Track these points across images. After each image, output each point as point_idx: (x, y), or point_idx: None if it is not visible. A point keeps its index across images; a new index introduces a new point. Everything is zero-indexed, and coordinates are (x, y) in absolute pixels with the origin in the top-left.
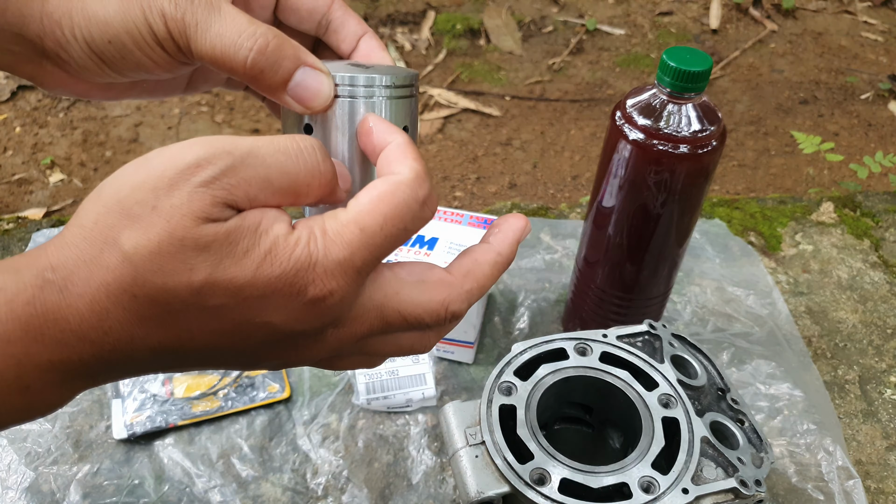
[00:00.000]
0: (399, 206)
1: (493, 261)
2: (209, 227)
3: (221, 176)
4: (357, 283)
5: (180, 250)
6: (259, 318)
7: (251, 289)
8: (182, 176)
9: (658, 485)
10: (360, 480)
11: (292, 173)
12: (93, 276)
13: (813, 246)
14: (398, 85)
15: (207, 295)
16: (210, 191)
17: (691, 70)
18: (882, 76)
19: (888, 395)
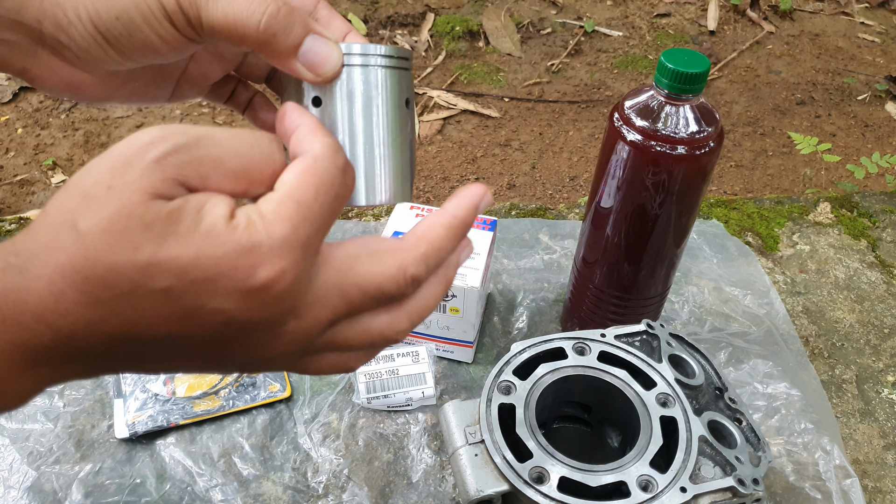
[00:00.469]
0: (324, 175)
1: (447, 223)
2: (156, 204)
3: (174, 152)
4: (306, 260)
5: (127, 227)
6: (210, 304)
7: (196, 270)
8: (136, 154)
9: (656, 483)
10: (361, 479)
11: (246, 157)
12: (50, 257)
13: (810, 246)
14: (401, 56)
15: (154, 275)
16: (161, 167)
17: (689, 72)
18: (879, 77)
19: (885, 394)
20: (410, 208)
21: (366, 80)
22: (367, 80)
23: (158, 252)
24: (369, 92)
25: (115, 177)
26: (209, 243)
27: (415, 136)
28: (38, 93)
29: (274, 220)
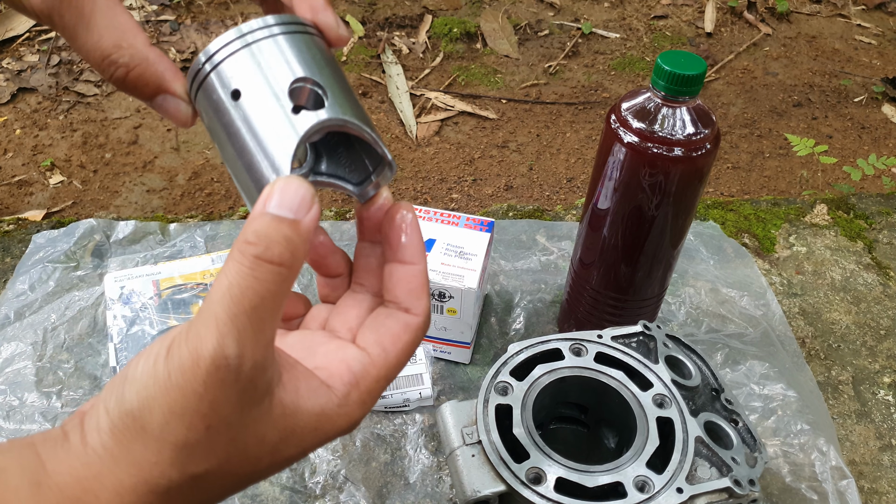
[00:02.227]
0: (410, 346)
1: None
2: (259, 412)
3: (242, 359)
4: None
5: (245, 451)
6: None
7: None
8: (214, 385)
9: (652, 484)
10: (358, 479)
11: (261, 290)
12: None
13: (806, 247)
14: (214, 52)
15: (269, 468)
16: (246, 378)
17: (686, 74)
18: (875, 79)
19: (881, 395)
20: None
21: (206, 100)
22: (199, 102)
23: (274, 458)
24: (205, 116)
25: (208, 417)
26: (320, 435)
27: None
28: (36, 94)
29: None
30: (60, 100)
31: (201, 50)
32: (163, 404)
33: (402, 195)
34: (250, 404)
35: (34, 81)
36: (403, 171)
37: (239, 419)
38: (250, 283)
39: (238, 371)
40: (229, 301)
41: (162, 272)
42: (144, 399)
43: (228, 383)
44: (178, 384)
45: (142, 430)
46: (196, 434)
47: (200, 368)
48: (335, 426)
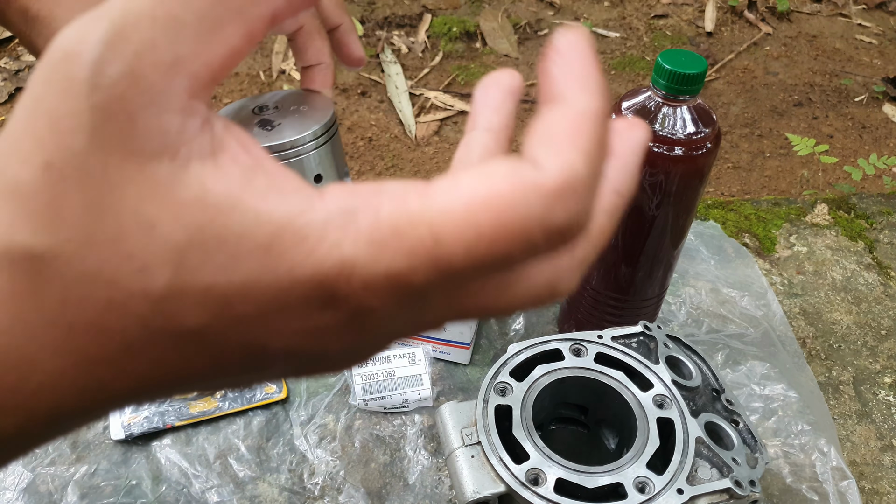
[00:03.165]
0: (510, 225)
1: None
2: (147, 176)
3: (107, 54)
4: (410, 307)
5: (117, 235)
6: (272, 346)
7: (246, 304)
8: (58, 88)
9: (653, 485)
10: (357, 481)
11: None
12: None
13: (807, 247)
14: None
15: (180, 311)
16: (106, 92)
17: (686, 73)
18: (876, 79)
19: (882, 395)
20: None
21: None
22: None
23: (179, 276)
24: None
25: (46, 144)
26: (271, 266)
27: None
28: None
29: (388, 244)
30: None
31: None
32: (3, 135)
33: None
34: (126, 135)
35: None
36: (403, 171)
37: (100, 155)
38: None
39: (99, 65)
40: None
41: None
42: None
43: (78, 86)
44: (25, 97)
45: None
46: (29, 172)
47: (50, 60)
48: (307, 258)
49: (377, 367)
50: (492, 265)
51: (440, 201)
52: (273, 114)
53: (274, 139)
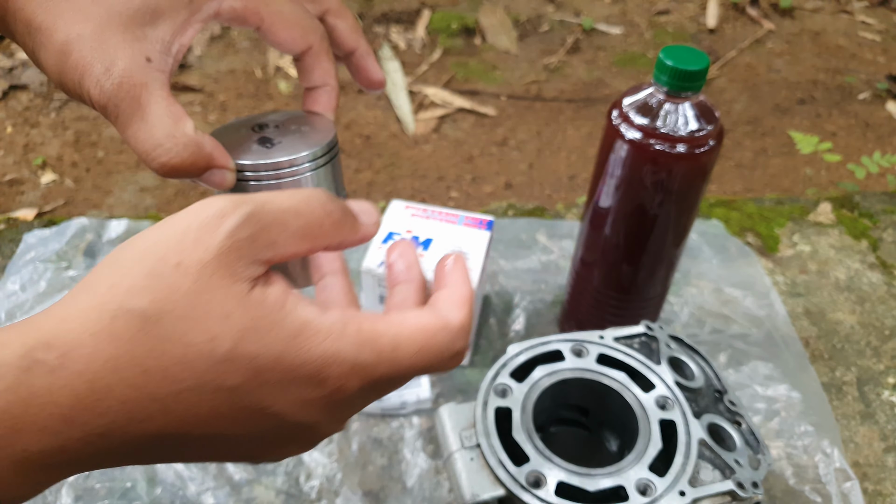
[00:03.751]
0: (435, 347)
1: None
2: (235, 288)
3: (245, 224)
4: (366, 394)
5: (205, 315)
6: (272, 408)
7: (272, 372)
8: (207, 228)
9: (655, 487)
10: (355, 483)
11: (306, 214)
12: (99, 349)
13: (811, 247)
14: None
15: (227, 371)
16: (235, 243)
17: (688, 69)
18: (880, 76)
19: (886, 396)
20: (406, 208)
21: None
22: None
23: (237, 346)
24: None
25: (184, 253)
26: (296, 346)
27: None
28: (28, 91)
29: (366, 345)
30: (52, 97)
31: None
32: (150, 238)
33: (400, 193)
34: (233, 267)
35: (25, 79)
36: (401, 169)
37: (212, 270)
38: (290, 203)
39: (237, 227)
40: (265, 195)
41: None
42: (136, 237)
43: (220, 231)
44: (175, 221)
45: (114, 261)
46: (164, 266)
47: (205, 212)
48: (317, 346)
49: None
50: (421, 368)
51: (397, 326)
52: (273, 132)
53: (272, 157)
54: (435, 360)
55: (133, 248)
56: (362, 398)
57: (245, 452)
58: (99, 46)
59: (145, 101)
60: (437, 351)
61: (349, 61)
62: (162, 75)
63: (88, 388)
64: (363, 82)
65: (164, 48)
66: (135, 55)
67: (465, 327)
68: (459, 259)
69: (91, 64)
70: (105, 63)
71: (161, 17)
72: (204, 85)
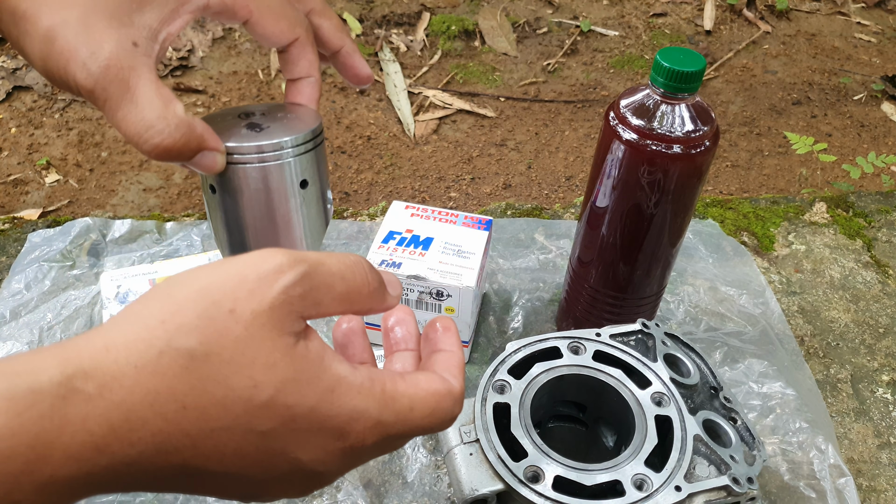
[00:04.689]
0: (442, 411)
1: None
2: (282, 340)
3: (300, 281)
4: (377, 449)
5: (251, 362)
6: (294, 453)
7: (304, 421)
8: (263, 281)
9: (651, 482)
10: (356, 478)
11: (349, 280)
12: (140, 383)
13: (805, 246)
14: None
15: (262, 417)
16: (288, 299)
17: (685, 70)
18: (875, 77)
19: (880, 393)
20: (406, 208)
21: (248, 175)
22: (249, 175)
23: (277, 395)
24: (254, 185)
25: (239, 301)
26: (328, 400)
27: (319, 211)
28: (31, 92)
29: (388, 405)
30: (56, 98)
31: (198, 46)
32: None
33: (400, 194)
34: (281, 321)
35: (29, 80)
36: (401, 170)
37: (263, 322)
38: (339, 268)
39: (293, 285)
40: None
41: (158, 271)
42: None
43: (277, 286)
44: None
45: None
46: (217, 310)
47: (265, 265)
48: (349, 401)
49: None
50: (427, 428)
51: (413, 389)
52: (260, 118)
53: (263, 139)
54: (438, 422)
55: (187, 286)
56: (371, 453)
57: (250, 491)
58: (84, 31)
59: (134, 84)
60: (442, 414)
61: (336, 59)
62: (149, 60)
63: (124, 418)
64: (352, 79)
65: (150, 34)
66: (121, 40)
67: (463, 393)
68: (450, 324)
69: (76, 49)
70: (91, 47)
71: (148, 4)
72: (206, 86)
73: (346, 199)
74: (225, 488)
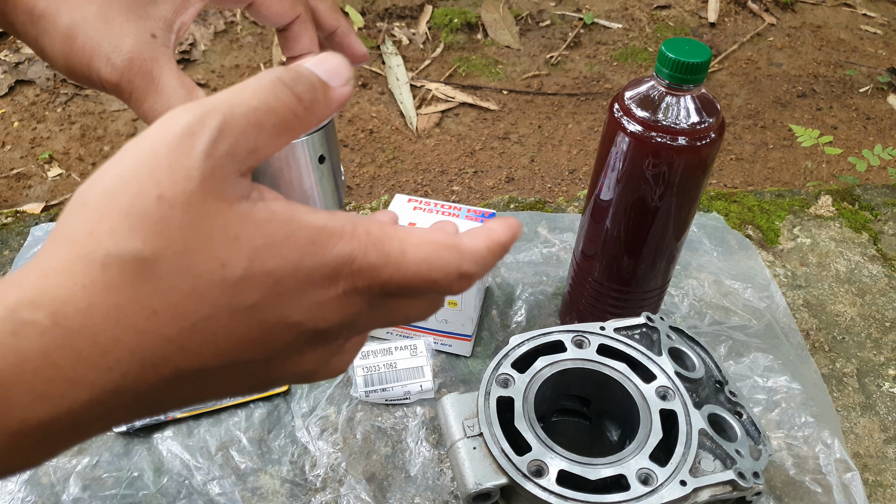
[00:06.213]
0: (441, 260)
1: (501, 244)
2: (234, 210)
3: (220, 136)
4: (376, 300)
5: (208, 244)
6: (291, 318)
7: (291, 281)
8: (180, 150)
9: (656, 477)
10: (359, 472)
11: (276, 107)
12: (95, 302)
13: (811, 239)
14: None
15: (244, 291)
16: (217, 160)
17: (690, 61)
18: (881, 69)
19: (886, 387)
20: (408, 201)
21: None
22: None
23: (252, 266)
24: (277, 164)
25: (162, 184)
26: (311, 253)
27: (335, 185)
28: (34, 86)
29: (375, 245)
30: (58, 92)
31: (199, 40)
32: (115, 171)
33: (403, 188)
34: (221, 188)
35: (32, 74)
36: (404, 163)
37: (202, 197)
38: (258, 98)
39: (214, 143)
40: (227, 95)
41: None
42: (99, 174)
43: (197, 152)
44: (139, 148)
45: (83, 203)
46: (143, 201)
47: (171, 131)
48: (332, 248)
49: (378, 360)
50: (427, 280)
51: (405, 234)
52: None
53: None
54: (440, 274)
55: (98, 186)
56: (373, 305)
57: (266, 376)
58: (104, 27)
59: (157, 75)
60: (442, 264)
61: (332, 39)
62: (168, 50)
63: (91, 343)
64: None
65: (166, 25)
66: (140, 32)
67: (476, 251)
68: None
69: (99, 44)
70: (113, 42)
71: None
72: (209, 80)
73: (348, 192)
74: (233, 382)
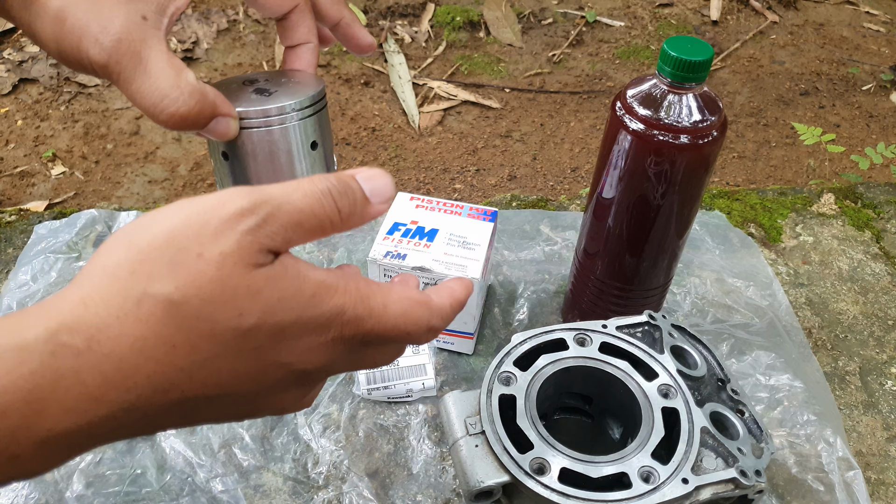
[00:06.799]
0: (414, 315)
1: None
2: (259, 272)
3: (264, 224)
4: (357, 347)
5: (233, 297)
6: (284, 359)
7: (292, 328)
8: (228, 224)
9: (658, 475)
10: (361, 470)
11: (319, 215)
12: (126, 332)
13: (813, 237)
14: (304, 106)
15: (252, 338)
16: (256, 238)
17: (692, 59)
18: (884, 67)
19: (889, 386)
20: (410, 199)
21: (261, 139)
22: (262, 139)
23: (264, 317)
24: (268, 148)
25: (206, 245)
26: (312, 305)
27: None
28: (37, 84)
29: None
30: (62, 90)
31: (202, 38)
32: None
33: (405, 186)
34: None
35: (35, 72)
36: (406, 161)
37: (234, 261)
38: (305, 203)
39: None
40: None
41: None
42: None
43: (240, 230)
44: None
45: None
46: (186, 256)
47: (225, 209)
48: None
49: None
50: (402, 332)
51: (386, 291)
52: (266, 84)
53: (275, 102)
54: (414, 327)
55: (149, 233)
56: (351, 351)
57: (252, 406)
58: (94, 8)
59: (146, 56)
60: (416, 318)
61: (337, 30)
62: (158, 32)
63: (116, 368)
64: (354, 48)
65: (158, 8)
66: (130, 14)
67: (442, 309)
68: (464, 279)
69: (87, 25)
70: (102, 23)
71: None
72: (211, 78)
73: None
74: (221, 411)
